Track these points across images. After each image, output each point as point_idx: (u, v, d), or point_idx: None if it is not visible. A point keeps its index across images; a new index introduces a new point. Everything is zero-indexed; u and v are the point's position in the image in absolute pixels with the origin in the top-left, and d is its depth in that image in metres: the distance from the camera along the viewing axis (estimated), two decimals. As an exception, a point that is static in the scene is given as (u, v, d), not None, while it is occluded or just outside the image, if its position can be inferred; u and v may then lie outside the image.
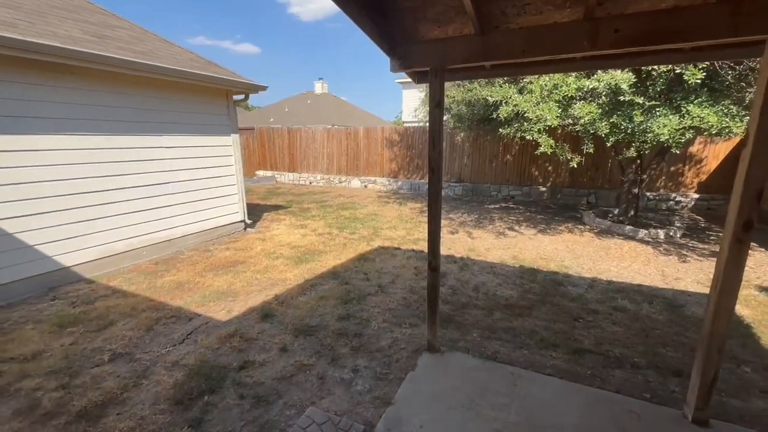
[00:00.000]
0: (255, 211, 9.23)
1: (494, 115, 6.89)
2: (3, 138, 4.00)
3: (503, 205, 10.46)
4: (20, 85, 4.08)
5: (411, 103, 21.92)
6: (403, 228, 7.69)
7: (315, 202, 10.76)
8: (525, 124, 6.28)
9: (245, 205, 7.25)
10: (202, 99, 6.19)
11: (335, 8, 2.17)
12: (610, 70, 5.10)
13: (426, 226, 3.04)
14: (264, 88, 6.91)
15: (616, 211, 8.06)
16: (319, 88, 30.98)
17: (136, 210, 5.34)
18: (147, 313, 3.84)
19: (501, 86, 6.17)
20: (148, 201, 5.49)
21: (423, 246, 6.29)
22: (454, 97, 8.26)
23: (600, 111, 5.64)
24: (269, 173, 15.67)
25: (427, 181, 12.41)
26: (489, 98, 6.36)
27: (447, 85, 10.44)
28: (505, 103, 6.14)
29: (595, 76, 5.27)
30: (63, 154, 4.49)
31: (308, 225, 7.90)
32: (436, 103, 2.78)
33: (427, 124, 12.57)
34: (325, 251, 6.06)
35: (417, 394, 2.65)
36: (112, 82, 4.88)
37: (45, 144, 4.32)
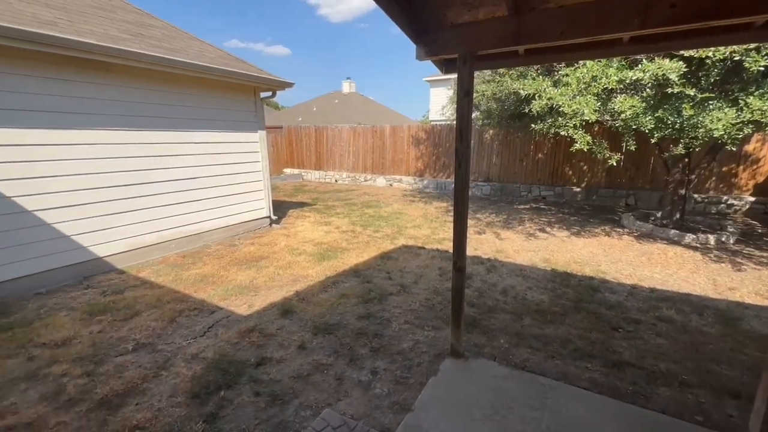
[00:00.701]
0: (281, 208, 9.33)
1: (526, 110, 6.56)
2: (45, 132, 4.18)
3: (534, 205, 10.02)
4: (59, 82, 4.25)
5: (438, 101, 21.57)
6: (428, 227, 7.49)
7: (340, 200, 10.75)
8: (560, 119, 5.92)
9: (271, 201, 7.32)
10: (230, 96, 6.28)
11: (364, 8, 2.06)
12: (656, 59, 4.69)
13: (451, 225, 2.87)
14: (290, 85, 6.94)
15: (659, 214, 7.49)
16: (346, 87, 31.18)
17: (166, 204, 5.48)
18: (171, 305, 3.89)
19: (534, 79, 5.84)
20: (178, 195, 5.63)
21: (448, 246, 6.08)
22: (483, 93, 7.97)
23: (644, 105, 5.21)
24: (296, 171, 15.88)
25: (454, 180, 12.14)
26: (521, 92, 6.04)
27: (476, 80, 10.15)
28: (538, 96, 5.81)
29: (640, 66, 4.87)
30: (99, 149, 4.65)
31: (332, 222, 7.87)
32: (464, 92, 2.61)
33: (455, 122, 12.30)
34: (348, 249, 5.98)
35: (438, 401, 2.49)
36: (144, 79, 5.02)
37: (83, 138, 4.49)
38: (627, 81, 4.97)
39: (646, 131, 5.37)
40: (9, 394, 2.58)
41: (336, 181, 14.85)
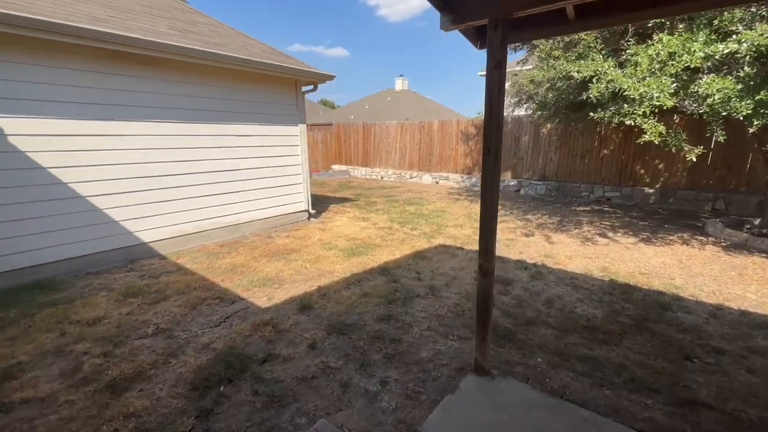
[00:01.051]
0: (324, 203, 9.37)
1: (584, 97, 5.77)
2: (98, 124, 4.48)
3: (595, 207, 8.96)
4: (111, 76, 4.52)
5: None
6: (471, 227, 6.99)
7: (382, 196, 10.56)
8: (625, 106, 5.09)
9: (309, 195, 7.32)
10: (271, 89, 6.35)
11: (422, 7, 1.78)
12: (758, 25, 3.77)
13: (498, 226, 2.48)
14: (331, 77, 6.86)
15: (757, 222, 6.23)
16: (399, 84, 31.02)
17: (207, 194, 5.67)
18: (197, 292, 3.94)
19: (593, 59, 5.07)
20: (219, 186, 5.80)
21: (489, 247, 5.57)
22: (538, 80, 7.23)
23: (740, 86, 4.26)
24: (343, 167, 16.03)
25: (504, 177, 11.34)
26: (576, 74, 5.29)
27: (529, 66, 9.30)
28: (597, 79, 5.05)
29: (735, 37, 3.97)
30: (145, 140, 4.91)
31: (370, 218, 7.68)
32: (495, 64, 2.20)
33: (511, 116, 11.48)
34: (381, 245, 5.73)
35: (452, 424, 2.13)
36: (189, 72, 5.21)
37: (131, 130, 4.76)
38: (717, 56, 4.09)
39: (741, 118, 4.40)
40: (35, 368, 2.70)
41: (382, 177, 14.71)
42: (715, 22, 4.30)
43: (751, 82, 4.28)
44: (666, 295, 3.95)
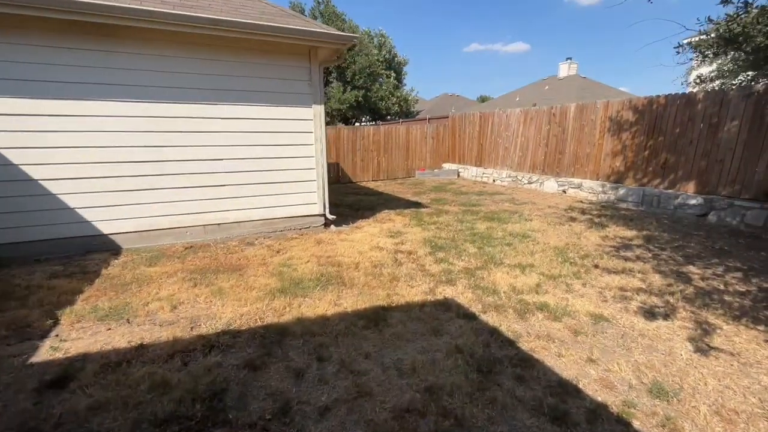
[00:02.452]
0: (381, 205, 7.64)
1: None
2: (54, 103, 4.16)
3: None
4: (68, 51, 4.12)
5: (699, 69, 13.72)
6: (544, 271, 3.99)
7: (465, 205, 7.96)
8: None
9: (327, 195, 5.76)
10: (274, 61, 5.07)
11: None
12: None
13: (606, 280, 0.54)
14: (351, 40, 5.05)
15: None
16: (564, 70, 25.35)
17: (183, 186, 4.88)
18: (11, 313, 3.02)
19: None
20: (199, 178, 4.94)
21: (552, 330, 2.76)
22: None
23: None
24: (454, 167, 13.64)
25: (680, 191, 6.86)
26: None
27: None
28: None
29: None
30: (107, 121, 4.40)
31: (407, 234, 5.52)
32: None
33: (715, 86, 6.78)
34: (354, 284, 3.68)
35: None
36: (159, 44, 4.45)
37: (88, 110, 4.30)
38: None
39: None
40: None
41: (494, 180, 11.67)
42: None
43: None
44: None
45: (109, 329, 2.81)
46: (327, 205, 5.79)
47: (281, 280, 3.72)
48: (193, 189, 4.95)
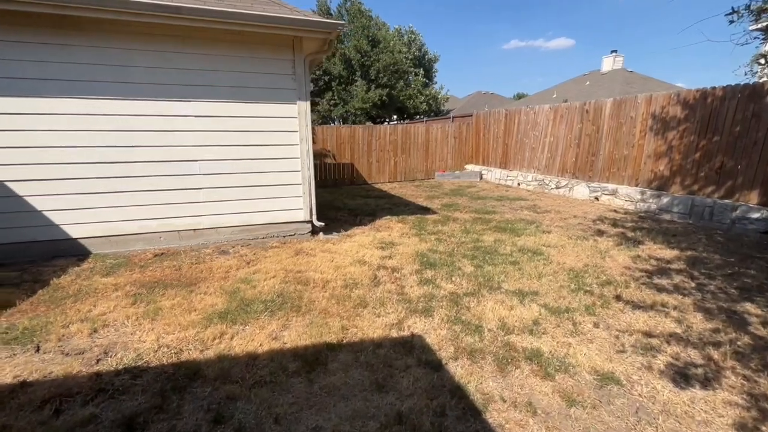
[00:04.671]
0: (387, 210, 7.04)
1: None
2: (11, 101, 3.95)
3: None
4: (21, 45, 3.89)
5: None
6: (551, 304, 3.22)
7: (477, 212, 7.16)
8: None
9: (313, 201, 5.25)
10: (252, 53, 4.63)
11: None
12: None
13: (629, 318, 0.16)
14: (336, 27, 4.49)
15: None
16: (607, 64, 23.33)
17: (152, 189, 4.56)
18: (-54, 329, 2.74)
19: None
20: (167, 180, 4.60)
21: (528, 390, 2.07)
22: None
23: None
24: (477, 168, 12.71)
25: (739, 201, 5.69)
26: None
27: None
28: None
29: None
30: (70, 120, 4.14)
31: (398, 247, 4.88)
32: None
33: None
34: (311, 309, 3.13)
35: None
36: (123, 36, 4.14)
37: (51, 108, 4.06)
38: None
39: None
40: None
41: (518, 184, 10.66)
42: None
43: None
44: None
45: (12, 356, 2.46)
46: (314, 211, 5.28)
47: (231, 300, 3.25)
48: (164, 192, 4.63)
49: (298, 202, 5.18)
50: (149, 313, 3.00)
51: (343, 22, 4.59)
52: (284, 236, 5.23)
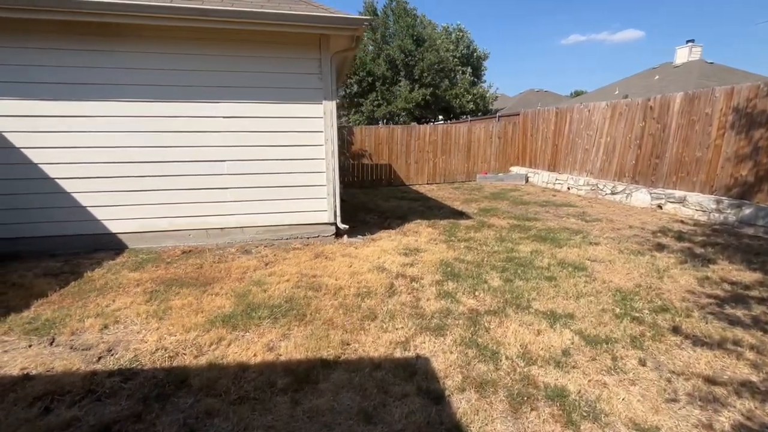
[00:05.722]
0: (424, 214, 6.76)
1: None
2: (61, 104, 4.26)
3: None
4: (69, 53, 4.18)
5: None
6: (588, 330, 2.77)
7: (517, 218, 6.61)
8: None
9: (338, 202, 5.11)
10: (280, 53, 4.61)
11: None
12: None
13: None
14: (361, 23, 4.30)
15: None
16: (682, 56, 20.83)
17: (182, 188, 4.70)
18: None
19: None
20: (197, 179, 4.72)
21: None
22: None
23: None
24: (523, 171, 11.90)
25: None
26: None
27: None
28: None
29: None
30: (109, 121, 4.38)
31: (423, 254, 4.59)
32: None
33: None
34: (302, 316, 2.98)
35: None
36: (158, 40, 4.29)
37: (93, 110, 4.32)
38: None
39: None
40: None
41: (568, 188, 9.77)
42: None
43: None
44: None
45: (28, 347, 2.57)
46: (338, 213, 5.15)
47: (238, 303, 3.19)
48: (194, 191, 4.75)
49: (322, 203, 5.08)
50: (159, 312, 3.03)
51: (368, 17, 4.38)
52: (308, 238, 5.16)
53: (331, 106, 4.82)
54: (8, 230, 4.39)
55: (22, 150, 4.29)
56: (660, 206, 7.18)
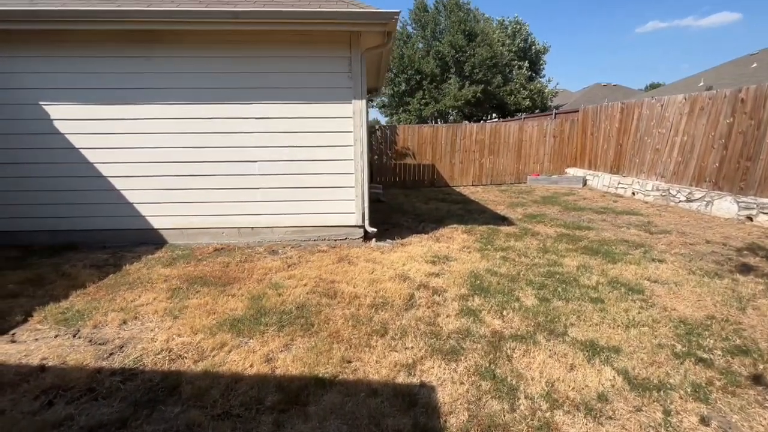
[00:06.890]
0: (457, 218, 6.38)
1: None
2: (112, 108, 4.58)
3: None
4: (113, 59, 4.47)
5: None
6: (636, 370, 2.30)
7: (567, 226, 5.94)
8: None
9: (367, 204, 4.94)
10: (311, 52, 4.55)
11: None
12: None
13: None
14: (392, 17, 4.07)
15: None
16: (790, 38, 17.67)
17: (216, 187, 4.85)
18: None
19: None
20: (229, 179, 4.84)
21: None
22: None
23: None
24: (581, 173, 10.84)
25: None
26: None
27: None
28: None
29: None
30: (153, 123, 4.63)
31: (452, 263, 4.27)
32: None
33: None
34: (309, 326, 2.83)
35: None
36: (195, 44, 4.45)
37: (138, 113, 4.60)
38: None
39: None
40: None
41: (633, 194, 8.67)
42: None
43: None
44: None
45: (54, 337, 2.73)
46: (366, 216, 4.98)
47: (250, 307, 3.14)
48: (227, 191, 4.88)
49: (350, 205, 4.95)
50: (175, 311, 3.08)
51: (398, 10, 4.11)
52: (335, 240, 5.07)
53: (360, 105, 4.67)
54: (68, 223, 4.85)
55: (80, 150, 4.70)
56: (750, 218, 6.04)
